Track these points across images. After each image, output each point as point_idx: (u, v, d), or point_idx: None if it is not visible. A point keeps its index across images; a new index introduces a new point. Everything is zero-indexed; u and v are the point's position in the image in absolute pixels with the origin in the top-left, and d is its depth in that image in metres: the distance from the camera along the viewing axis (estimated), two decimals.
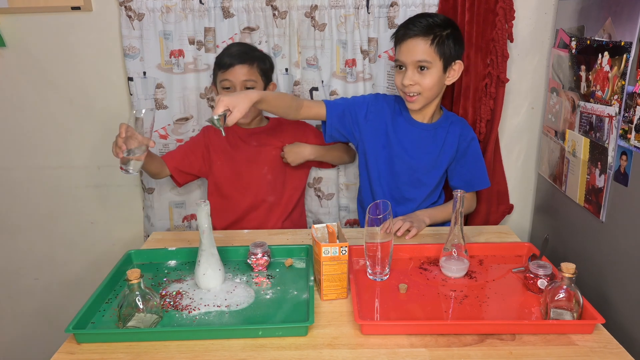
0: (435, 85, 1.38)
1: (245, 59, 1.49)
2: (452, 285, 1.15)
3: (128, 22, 1.57)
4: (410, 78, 1.36)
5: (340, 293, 1.10)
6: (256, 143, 1.60)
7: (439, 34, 1.34)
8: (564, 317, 0.99)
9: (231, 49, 1.52)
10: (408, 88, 1.38)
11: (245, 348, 0.95)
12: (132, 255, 1.28)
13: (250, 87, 1.49)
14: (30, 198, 1.81)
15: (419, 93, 1.38)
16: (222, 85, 1.51)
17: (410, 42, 1.36)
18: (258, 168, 1.60)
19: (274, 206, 1.62)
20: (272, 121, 1.64)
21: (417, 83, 1.37)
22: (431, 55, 1.35)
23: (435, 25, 1.35)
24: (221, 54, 1.52)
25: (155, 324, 1.02)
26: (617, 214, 1.20)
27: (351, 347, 0.95)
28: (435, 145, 1.48)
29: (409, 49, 1.36)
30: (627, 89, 1.13)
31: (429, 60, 1.35)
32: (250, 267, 1.23)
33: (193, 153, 1.59)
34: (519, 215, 1.79)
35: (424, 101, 1.41)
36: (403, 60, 1.38)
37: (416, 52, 1.35)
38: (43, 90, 1.69)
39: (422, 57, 1.35)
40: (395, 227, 1.38)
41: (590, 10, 1.32)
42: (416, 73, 1.37)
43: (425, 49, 1.34)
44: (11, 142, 1.75)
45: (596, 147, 1.27)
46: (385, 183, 1.52)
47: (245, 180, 1.60)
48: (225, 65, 1.48)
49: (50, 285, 1.92)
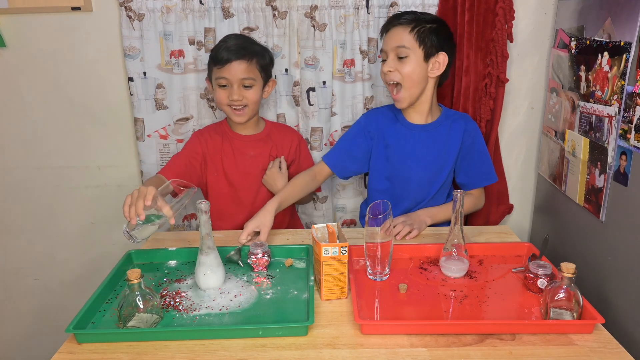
0: (414, 74, 1.37)
1: (244, 54, 1.41)
2: (452, 285, 1.15)
3: (128, 22, 1.58)
4: (389, 65, 1.37)
5: (340, 293, 1.10)
6: (253, 153, 1.55)
7: (422, 25, 1.36)
8: (564, 317, 0.99)
9: (228, 42, 1.42)
10: (388, 75, 1.38)
11: (245, 348, 0.95)
12: (132, 255, 1.28)
13: (249, 85, 1.43)
14: (31, 198, 1.81)
15: (399, 83, 1.38)
16: (218, 83, 1.43)
17: (393, 31, 1.38)
18: (254, 182, 1.55)
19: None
20: (268, 126, 1.60)
21: (396, 69, 1.37)
22: (410, 42, 1.35)
23: (421, 19, 1.37)
24: (217, 47, 1.43)
25: (156, 324, 1.02)
26: (617, 214, 1.20)
27: (351, 347, 0.95)
28: (438, 145, 1.48)
29: (390, 37, 1.38)
30: (627, 89, 1.13)
31: (408, 47, 1.35)
32: (250, 267, 1.23)
33: (193, 166, 1.50)
34: (519, 215, 1.79)
35: (408, 94, 1.40)
36: (385, 49, 1.39)
37: (396, 39, 1.36)
38: (43, 90, 1.69)
39: (401, 43, 1.35)
40: (395, 230, 1.38)
41: (590, 11, 1.32)
42: (396, 60, 1.37)
43: (404, 35, 1.35)
44: (11, 142, 1.75)
45: (596, 147, 1.27)
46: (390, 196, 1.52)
47: (241, 194, 1.55)
48: (222, 60, 1.40)
49: (50, 285, 1.92)
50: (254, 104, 1.47)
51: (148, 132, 1.68)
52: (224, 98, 1.45)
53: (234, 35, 1.48)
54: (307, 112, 1.67)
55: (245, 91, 1.44)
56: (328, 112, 1.67)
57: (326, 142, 1.70)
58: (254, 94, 1.46)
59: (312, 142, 1.69)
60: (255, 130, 1.57)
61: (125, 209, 1.08)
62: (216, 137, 1.55)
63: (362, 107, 1.65)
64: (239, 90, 1.43)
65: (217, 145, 1.54)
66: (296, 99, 1.66)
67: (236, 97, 1.43)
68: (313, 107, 1.67)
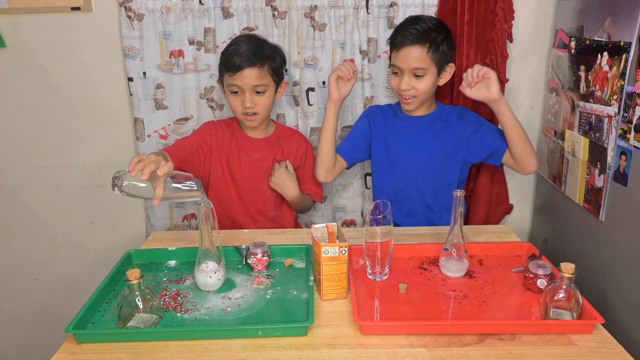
0: (430, 89, 1.43)
1: (255, 61, 1.38)
2: (451, 285, 1.15)
3: (128, 22, 1.57)
4: (407, 83, 1.41)
5: (340, 293, 1.10)
6: (257, 156, 1.54)
7: (434, 41, 1.37)
8: (564, 317, 0.99)
9: (240, 48, 1.39)
10: (405, 92, 1.42)
11: (245, 348, 0.95)
12: (132, 255, 1.28)
13: (261, 91, 1.42)
14: (31, 198, 1.81)
15: (415, 96, 1.43)
16: (230, 90, 1.42)
17: (407, 50, 1.38)
18: (255, 184, 1.55)
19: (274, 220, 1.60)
20: (278, 129, 1.59)
21: (414, 87, 1.41)
22: (427, 62, 1.38)
23: (430, 30, 1.37)
24: (228, 52, 1.41)
25: (155, 324, 1.02)
26: (617, 214, 1.20)
27: (351, 347, 0.95)
28: (436, 132, 1.51)
29: (406, 56, 1.39)
30: (627, 89, 1.13)
31: (425, 67, 1.38)
32: (250, 267, 1.23)
33: (197, 154, 1.49)
34: (518, 215, 1.79)
35: (419, 103, 1.46)
36: (400, 67, 1.41)
37: (413, 60, 1.38)
38: (43, 90, 1.69)
39: (419, 65, 1.38)
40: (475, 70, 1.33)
41: (589, 11, 1.32)
42: (413, 79, 1.40)
43: (422, 56, 1.37)
44: (11, 142, 1.75)
45: (595, 147, 1.27)
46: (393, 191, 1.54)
47: (243, 194, 1.55)
48: (234, 67, 1.38)
49: (50, 286, 1.92)
50: (265, 110, 1.47)
51: (148, 132, 1.68)
52: (237, 105, 1.44)
53: (245, 39, 1.44)
54: (306, 112, 1.67)
55: (258, 97, 1.43)
56: None
57: None
58: (266, 99, 1.45)
59: (312, 142, 1.69)
60: (264, 134, 1.57)
61: (134, 161, 1.06)
62: (227, 132, 1.55)
63: (362, 107, 1.65)
64: (252, 97, 1.42)
65: (226, 140, 1.54)
66: (296, 99, 1.66)
67: (248, 104, 1.42)
68: (312, 107, 1.67)
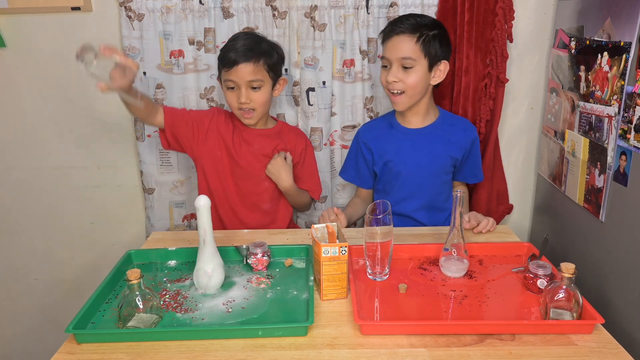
0: (419, 84, 1.38)
1: (250, 56, 1.39)
2: (451, 285, 1.15)
3: (128, 22, 1.58)
4: (394, 75, 1.37)
5: (340, 293, 1.10)
6: (257, 146, 1.54)
7: (426, 33, 1.35)
8: (564, 317, 0.99)
9: (236, 43, 1.41)
10: (392, 85, 1.38)
11: (245, 348, 0.95)
12: (132, 255, 1.28)
13: (257, 87, 1.42)
14: (31, 198, 1.81)
15: (403, 91, 1.39)
16: (227, 85, 1.44)
17: (396, 39, 1.36)
18: (254, 174, 1.55)
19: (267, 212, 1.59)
20: (279, 125, 1.59)
21: (401, 80, 1.37)
22: (416, 53, 1.35)
23: (423, 25, 1.36)
24: (225, 48, 1.43)
25: (155, 324, 1.02)
26: (617, 214, 1.20)
27: (351, 347, 0.95)
28: (436, 147, 1.48)
29: (394, 45, 1.37)
30: (627, 89, 1.13)
31: (414, 58, 1.35)
32: (250, 267, 1.23)
33: (189, 127, 1.50)
34: (518, 215, 1.79)
35: (409, 100, 1.41)
36: (388, 57, 1.38)
37: (401, 49, 1.35)
38: (43, 90, 1.69)
39: (407, 54, 1.35)
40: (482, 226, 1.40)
41: (589, 11, 1.32)
42: (401, 70, 1.37)
43: (411, 46, 1.35)
44: (11, 142, 1.75)
45: (596, 147, 1.27)
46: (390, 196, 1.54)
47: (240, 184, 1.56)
48: (229, 62, 1.39)
49: (50, 285, 1.92)
50: (262, 106, 1.47)
51: (148, 132, 1.68)
52: (233, 101, 1.45)
53: (243, 35, 1.46)
54: (306, 112, 1.67)
55: (253, 93, 1.43)
56: (328, 112, 1.67)
57: (326, 142, 1.70)
58: (262, 95, 1.45)
59: (312, 142, 1.69)
60: (264, 127, 1.58)
61: (105, 45, 1.17)
62: (229, 122, 1.55)
63: (362, 107, 1.65)
64: (247, 93, 1.43)
65: (229, 127, 1.54)
66: (296, 99, 1.66)
67: (244, 100, 1.43)
68: (313, 107, 1.66)
